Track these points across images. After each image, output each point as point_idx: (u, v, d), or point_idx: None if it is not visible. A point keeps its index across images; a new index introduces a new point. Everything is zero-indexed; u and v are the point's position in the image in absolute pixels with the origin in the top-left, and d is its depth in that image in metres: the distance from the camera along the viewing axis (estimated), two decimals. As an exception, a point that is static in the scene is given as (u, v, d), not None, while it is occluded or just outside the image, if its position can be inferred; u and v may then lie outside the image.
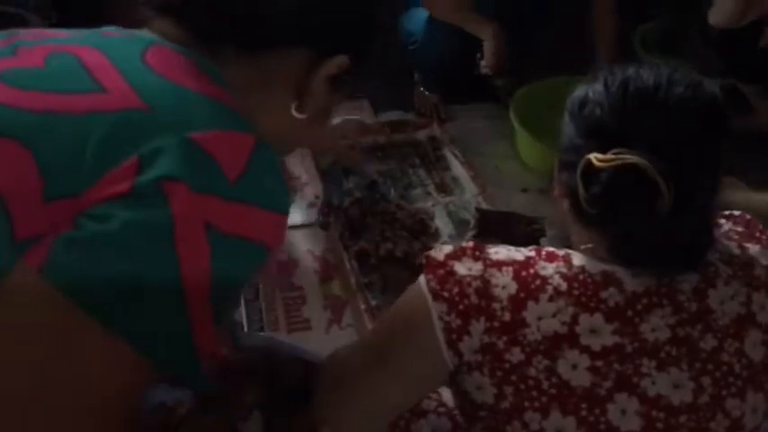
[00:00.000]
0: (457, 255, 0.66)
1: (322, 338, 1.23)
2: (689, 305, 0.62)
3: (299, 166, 1.56)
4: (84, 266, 0.48)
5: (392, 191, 1.50)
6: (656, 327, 0.61)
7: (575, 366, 0.61)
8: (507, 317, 0.61)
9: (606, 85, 0.66)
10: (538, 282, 0.62)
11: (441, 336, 0.63)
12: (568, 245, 0.72)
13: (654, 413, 0.61)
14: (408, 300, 0.68)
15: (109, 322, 0.49)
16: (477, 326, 0.62)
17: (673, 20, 2.02)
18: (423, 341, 0.65)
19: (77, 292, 0.48)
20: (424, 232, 1.38)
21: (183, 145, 0.51)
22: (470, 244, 0.67)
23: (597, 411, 0.61)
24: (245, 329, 1.22)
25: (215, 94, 0.57)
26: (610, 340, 0.61)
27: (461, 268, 0.64)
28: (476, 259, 0.65)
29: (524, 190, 1.57)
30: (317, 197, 1.47)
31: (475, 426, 0.67)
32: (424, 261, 0.68)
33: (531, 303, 0.61)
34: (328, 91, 0.65)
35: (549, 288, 0.62)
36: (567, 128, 0.68)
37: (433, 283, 0.64)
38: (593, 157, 0.61)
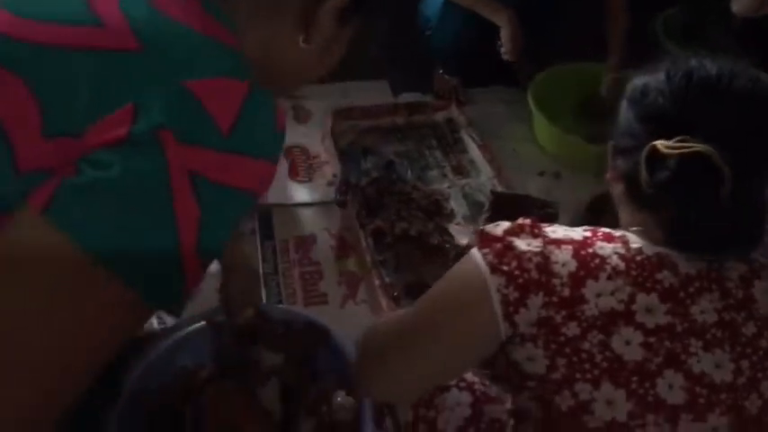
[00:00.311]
0: (515, 231, 0.68)
1: (337, 313, 1.27)
2: (736, 292, 0.66)
3: (319, 146, 1.59)
4: (85, 211, 0.50)
5: (409, 172, 1.53)
6: (704, 309, 0.65)
7: (628, 342, 0.64)
8: (566, 292, 0.64)
9: (669, 75, 0.69)
10: (597, 261, 0.65)
11: (498, 308, 0.65)
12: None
13: (697, 389, 0.65)
14: (461, 273, 0.70)
15: (108, 264, 0.50)
16: (536, 300, 0.65)
17: (693, 8, 2.01)
18: (478, 313, 0.67)
19: (79, 234, 0.50)
20: (438, 213, 1.41)
21: (176, 94, 0.51)
22: (527, 222, 0.69)
23: (647, 385, 0.64)
24: (264, 302, 1.26)
25: (216, 33, 0.56)
26: (663, 319, 0.64)
27: (521, 243, 0.66)
28: (534, 236, 0.67)
29: (541, 173, 1.59)
30: (335, 176, 1.51)
31: (521, 394, 0.70)
32: (477, 237, 0.71)
33: (590, 281, 0.64)
34: (336, 25, 0.64)
35: (608, 267, 0.65)
36: (626, 114, 0.71)
37: (490, 257, 0.67)
38: (660, 143, 0.64)
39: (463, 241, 1.36)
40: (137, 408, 0.95)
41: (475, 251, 0.69)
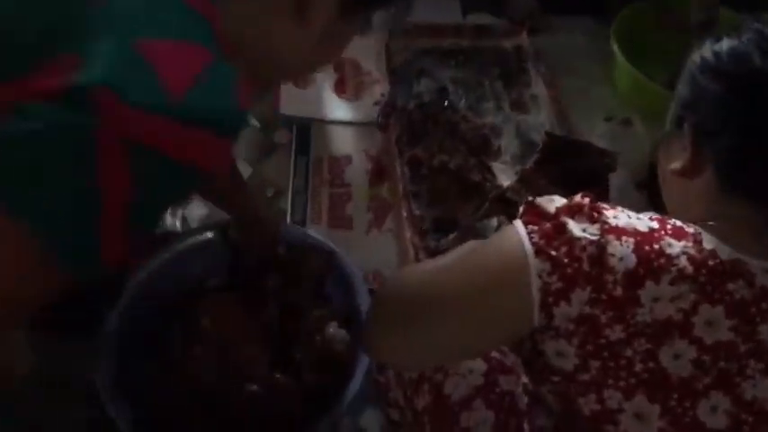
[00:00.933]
0: (571, 210, 0.58)
1: (361, 239, 1.22)
2: None
3: (372, 62, 1.50)
4: (6, 160, 0.47)
5: (462, 101, 1.42)
6: None
7: (677, 356, 0.56)
8: (619, 292, 0.55)
9: (763, 34, 0.58)
10: (662, 260, 0.55)
11: (536, 295, 0.57)
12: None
13: (743, 416, 0.57)
14: (502, 248, 0.60)
15: (22, 214, 0.48)
16: (582, 294, 0.56)
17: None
18: (512, 296, 0.58)
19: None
20: (484, 149, 1.31)
21: (125, 52, 0.47)
22: (586, 201, 0.59)
23: (687, 404, 0.57)
24: (288, 219, 1.23)
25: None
26: (725, 336, 0.56)
27: (575, 227, 0.57)
28: (592, 220, 0.57)
29: (608, 119, 1.44)
30: (382, 95, 1.42)
31: (543, 386, 0.63)
32: (524, 208, 0.61)
33: (649, 283, 0.55)
34: (335, 11, 0.58)
35: (674, 269, 0.55)
36: (709, 88, 0.60)
37: (536, 237, 0.57)
38: None
39: (505, 182, 1.26)
40: (141, 308, 0.96)
41: (520, 226, 0.59)
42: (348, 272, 1.01)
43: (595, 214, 0.58)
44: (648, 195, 1.26)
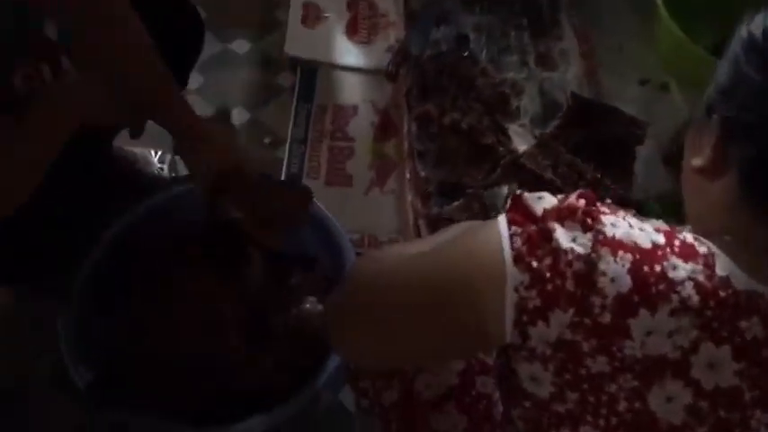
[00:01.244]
0: (562, 214, 0.49)
1: (359, 198, 1.14)
2: None
3: (390, 2, 1.38)
4: None
5: (484, 52, 1.30)
6: None
7: (670, 399, 0.48)
8: (607, 319, 0.47)
9: None
10: (662, 286, 0.46)
11: (509, 311, 0.49)
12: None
13: None
14: (479, 247, 0.52)
15: None
16: (562, 317, 0.48)
17: None
18: (482, 305, 0.50)
19: None
20: (501, 109, 1.20)
21: None
22: (581, 203, 0.50)
23: None
24: (284, 170, 1.15)
25: None
26: (727, 381, 0.47)
27: (564, 236, 0.48)
28: (586, 228, 0.49)
29: (642, 82, 1.31)
30: (397, 41, 1.30)
31: (513, 409, 0.56)
32: (510, 202, 0.52)
33: (644, 312, 0.47)
34: None
35: (675, 298, 0.46)
36: (752, 73, 0.48)
37: (519, 242, 0.49)
38: None
39: (521, 147, 1.16)
40: (114, 261, 0.90)
41: (503, 224, 0.51)
42: (335, 233, 0.94)
43: (589, 221, 0.49)
44: (677, 174, 1.15)
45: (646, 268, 0.46)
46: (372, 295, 0.57)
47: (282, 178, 1.14)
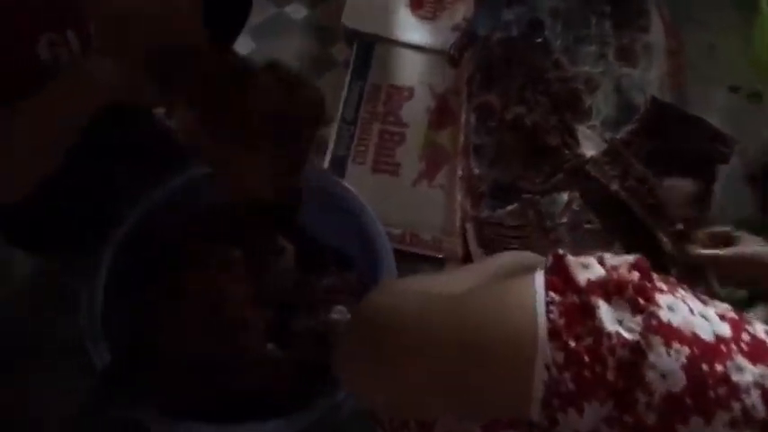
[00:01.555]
0: (609, 288, 0.43)
1: (406, 190, 1.06)
2: None
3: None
4: None
5: (558, 40, 1.18)
6: None
7: None
8: (652, 420, 0.41)
9: None
10: (722, 390, 0.40)
11: (537, 389, 0.43)
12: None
13: None
14: (511, 308, 0.46)
15: None
16: (599, 409, 0.42)
17: None
18: (507, 376, 0.45)
19: None
20: (571, 106, 1.09)
21: None
22: (635, 276, 0.43)
23: None
24: (329, 151, 1.08)
25: None
26: None
27: (609, 316, 0.42)
28: (636, 309, 0.42)
29: (734, 89, 1.17)
30: (464, 19, 1.20)
31: None
32: (552, 260, 0.46)
33: (696, 419, 0.40)
34: None
35: (737, 407, 0.40)
36: None
37: (556, 313, 0.43)
38: None
39: (588, 152, 1.05)
40: (142, 240, 0.85)
41: (540, 284, 0.44)
42: (372, 231, 0.87)
43: (642, 301, 0.42)
44: (762, 197, 1.03)
45: (704, 366, 0.40)
46: (388, 333, 0.51)
47: (327, 161, 1.07)
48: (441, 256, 1.00)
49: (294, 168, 0.66)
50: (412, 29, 1.21)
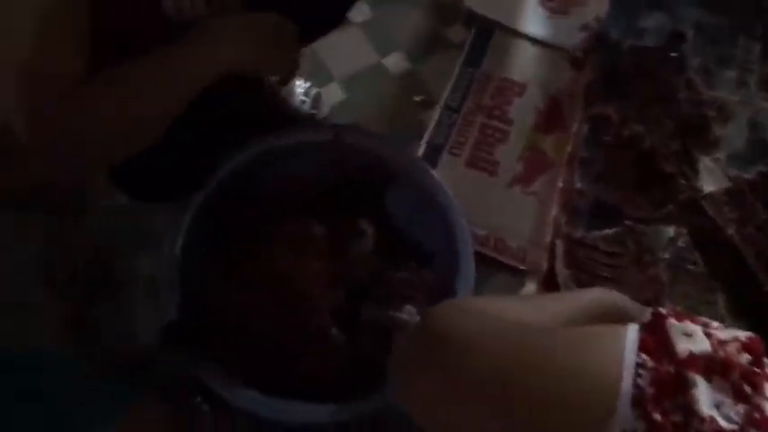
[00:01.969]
0: (712, 366, 0.38)
1: (499, 191, 1.01)
2: None
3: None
4: None
5: (697, 58, 1.07)
6: None
7: None
8: None
9: None
10: None
11: None
12: None
13: None
14: (594, 361, 0.42)
15: None
16: None
17: None
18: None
19: None
20: (697, 134, 0.99)
21: None
22: (744, 359, 0.38)
23: None
24: (426, 137, 1.03)
25: None
26: None
27: (707, 397, 0.37)
28: (739, 396, 0.37)
29: None
30: (596, 20, 1.11)
31: None
32: (649, 316, 0.41)
33: None
34: None
35: None
36: None
37: (645, 379, 0.38)
38: None
39: (708, 186, 0.96)
40: (226, 201, 0.84)
41: (633, 344, 0.39)
42: (457, 231, 0.82)
43: (747, 388, 0.37)
44: None
45: None
46: (457, 360, 0.47)
47: (423, 146, 1.03)
48: (523, 267, 0.94)
49: None
50: (537, 21, 1.13)
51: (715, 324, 0.42)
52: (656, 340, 0.39)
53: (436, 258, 0.85)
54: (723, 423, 0.36)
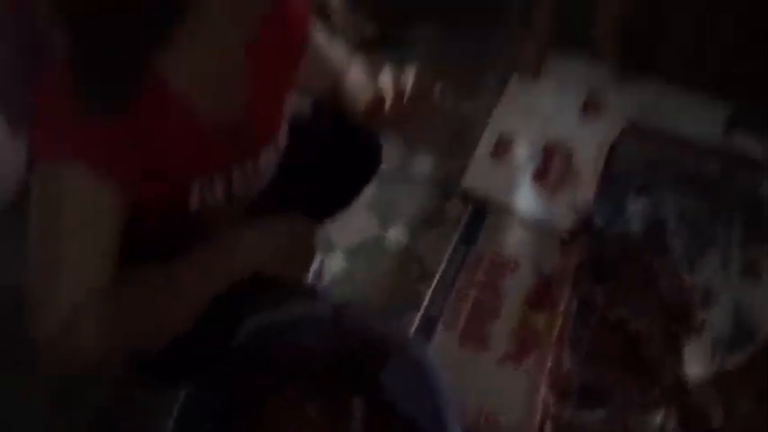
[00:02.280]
0: None
1: (490, 367, 1.03)
2: None
3: (590, 157, 1.27)
4: None
5: (680, 246, 1.13)
6: None
7: None
8: None
9: None
10: None
11: None
12: None
13: None
14: None
15: None
16: None
17: None
18: None
19: None
20: (682, 317, 1.03)
21: None
22: None
23: None
24: (422, 310, 1.08)
25: None
26: None
27: None
28: None
29: None
30: (584, 203, 1.19)
31: None
32: None
33: None
34: None
35: None
36: None
37: None
38: None
39: (693, 369, 0.98)
40: (229, 374, 0.87)
41: None
42: (448, 416, 0.84)
43: None
44: None
45: None
46: None
47: (418, 318, 1.08)
48: (513, 447, 0.95)
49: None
50: (527, 199, 1.21)
51: None
52: None
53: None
54: None
